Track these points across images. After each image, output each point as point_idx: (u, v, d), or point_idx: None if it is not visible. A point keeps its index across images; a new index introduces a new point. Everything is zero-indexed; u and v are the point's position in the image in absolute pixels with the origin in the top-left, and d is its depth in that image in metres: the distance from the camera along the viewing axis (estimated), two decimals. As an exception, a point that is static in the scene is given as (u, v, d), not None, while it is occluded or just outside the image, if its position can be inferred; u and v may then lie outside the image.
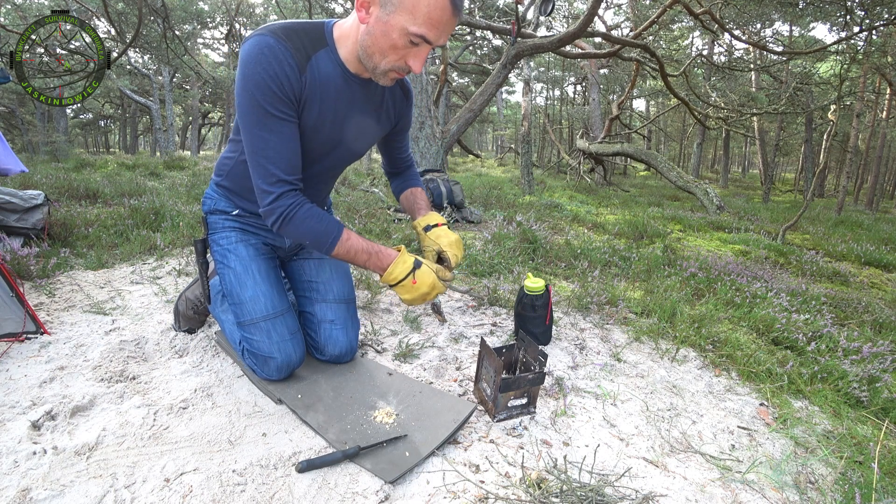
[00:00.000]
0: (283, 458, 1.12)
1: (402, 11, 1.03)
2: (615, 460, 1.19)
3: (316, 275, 1.58)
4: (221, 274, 1.45)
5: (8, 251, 2.19)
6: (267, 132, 1.15)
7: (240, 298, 1.39)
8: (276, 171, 1.18)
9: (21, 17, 11.66)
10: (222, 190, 1.50)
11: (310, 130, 1.26)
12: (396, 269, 1.26)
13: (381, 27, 1.07)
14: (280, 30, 1.14)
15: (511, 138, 25.52)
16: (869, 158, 16.82)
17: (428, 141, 5.15)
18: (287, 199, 1.20)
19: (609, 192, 9.57)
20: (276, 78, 1.11)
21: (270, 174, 1.18)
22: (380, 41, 1.09)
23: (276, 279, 1.47)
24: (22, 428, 1.16)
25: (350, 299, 1.60)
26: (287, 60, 1.12)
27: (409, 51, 1.10)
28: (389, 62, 1.12)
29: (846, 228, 6.59)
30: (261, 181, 1.20)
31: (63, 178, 5.03)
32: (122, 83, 16.88)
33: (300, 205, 1.21)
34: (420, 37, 1.06)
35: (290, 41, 1.13)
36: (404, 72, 1.16)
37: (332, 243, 1.24)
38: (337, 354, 1.52)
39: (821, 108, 11.95)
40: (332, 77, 1.21)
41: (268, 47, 1.10)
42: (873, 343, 1.97)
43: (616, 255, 3.17)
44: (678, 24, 13.75)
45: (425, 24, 1.04)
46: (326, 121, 1.26)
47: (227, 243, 1.46)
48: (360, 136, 1.39)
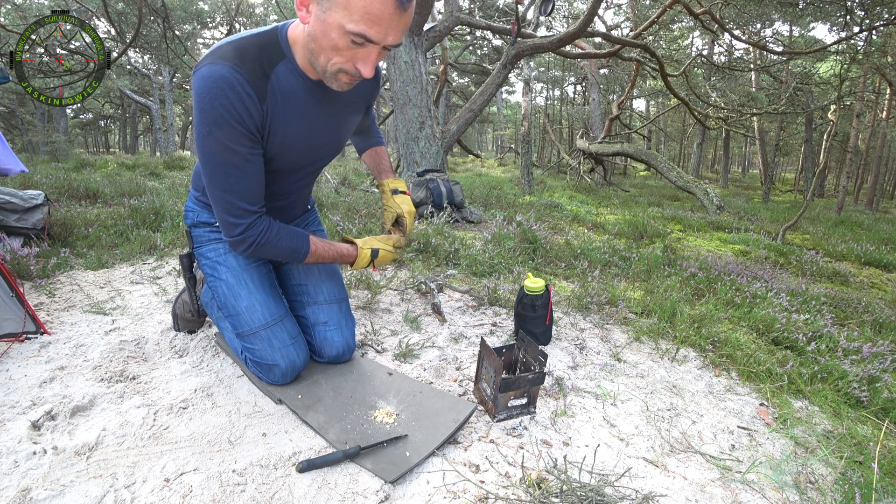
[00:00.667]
0: (283, 458, 1.12)
1: (337, 7, 0.94)
2: (615, 460, 1.19)
3: (305, 278, 1.56)
4: (214, 287, 1.42)
5: (8, 251, 2.19)
6: (231, 168, 1.11)
7: (236, 310, 1.37)
8: (242, 203, 1.15)
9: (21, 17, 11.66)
10: (203, 203, 1.48)
11: (283, 148, 1.22)
12: (360, 264, 1.40)
13: (319, 26, 0.98)
14: (232, 54, 1.05)
15: (511, 138, 25.52)
16: (869, 158, 16.82)
17: (428, 141, 5.15)
18: (256, 228, 1.19)
19: (609, 192, 9.57)
20: (236, 113, 1.05)
21: (236, 207, 1.15)
22: (321, 42, 1.00)
23: (270, 285, 1.46)
24: (22, 428, 1.16)
25: (342, 298, 1.59)
26: (244, 91, 1.04)
27: (356, 52, 1.00)
28: (336, 64, 1.03)
29: (846, 228, 6.59)
30: (225, 214, 1.16)
31: (63, 178, 5.03)
32: (122, 83, 16.88)
33: (268, 229, 1.21)
34: (360, 35, 0.95)
35: (244, 66, 1.05)
36: (356, 76, 1.06)
37: (304, 256, 1.30)
38: (334, 355, 1.51)
39: (821, 108, 11.96)
40: (295, 91, 1.15)
41: (222, 79, 1.02)
42: (873, 343, 1.97)
43: (616, 255, 3.17)
44: (678, 24, 13.76)
45: (364, 21, 0.94)
46: (298, 136, 1.22)
47: (215, 255, 1.43)
48: (337, 136, 1.36)
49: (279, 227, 1.24)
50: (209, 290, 1.47)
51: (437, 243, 3.00)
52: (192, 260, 1.59)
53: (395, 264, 2.74)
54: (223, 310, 1.41)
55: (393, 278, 2.45)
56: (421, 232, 3.19)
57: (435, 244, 2.99)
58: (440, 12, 11.22)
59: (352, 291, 2.24)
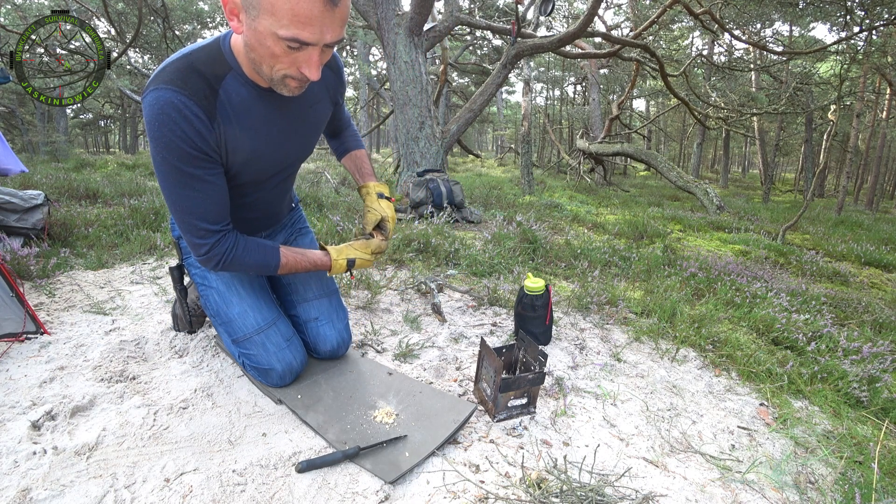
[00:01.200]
0: (283, 458, 1.12)
1: (265, 14, 0.89)
2: (615, 460, 1.19)
3: (293, 276, 1.56)
4: (205, 296, 1.42)
5: (8, 251, 2.19)
6: (189, 190, 1.08)
7: (228, 317, 1.37)
8: (203, 224, 1.13)
9: (21, 17, 11.66)
10: None
11: (248, 162, 1.19)
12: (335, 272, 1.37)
13: (253, 35, 0.94)
14: (175, 76, 1.01)
15: (511, 138, 25.51)
16: (869, 158, 16.82)
17: (428, 141, 5.15)
18: (221, 247, 1.16)
19: (609, 192, 9.57)
20: (187, 137, 1.02)
21: (198, 228, 1.13)
22: (259, 51, 0.96)
23: (261, 289, 1.46)
24: (22, 428, 1.16)
25: (331, 291, 1.59)
26: (193, 113, 1.02)
27: (296, 56, 0.95)
28: (279, 70, 0.99)
29: (846, 228, 6.59)
30: (190, 236, 1.15)
31: (63, 178, 5.03)
32: (122, 83, 16.85)
33: (234, 245, 1.18)
34: (294, 40, 0.90)
35: (188, 87, 1.01)
36: (302, 80, 1.02)
37: (275, 268, 1.27)
38: (330, 350, 1.51)
39: (821, 108, 11.95)
40: (247, 102, 1.11)
41: (169, 105, 0.99)
42: (873, 343, 1.97)
43: (616, 255, 3.17)
44: (678, 24, 13.75)
45: (294, 25, 0.88)
46: (260, 147, 1.18)
47: None
48: (305, 138, 1.31)
49: (246, 242, 1.21)
50: (202, 299, 1.46)
51: (437, 243, 3.00)
52: (181, 272, 1.59)
53: (395, 264, 2.74)
54: (216, 317, 1.41)
55: (393, 278, 2.45)
56: (421, 232, 3.19)
57: (435, 244, 2.99)
58: (440, 12, 11.22)
59: (351, 291, 2.24)
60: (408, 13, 4.94)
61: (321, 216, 3.72)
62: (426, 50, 5.25)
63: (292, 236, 1.64)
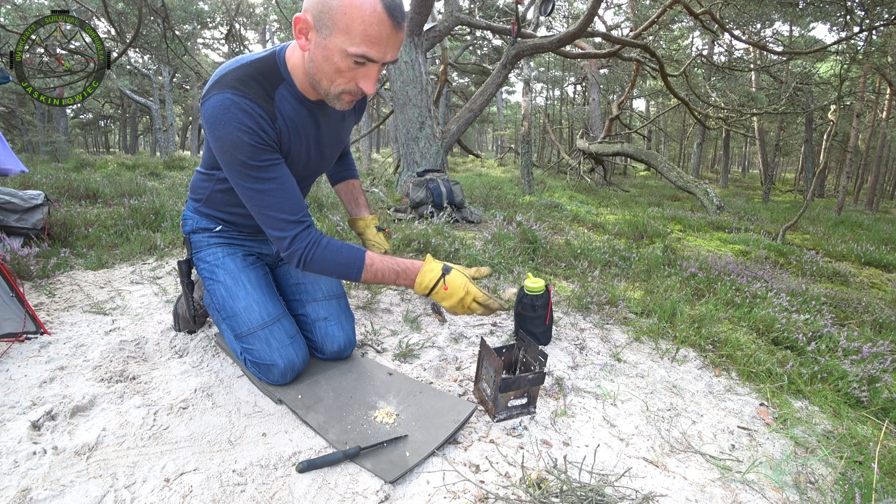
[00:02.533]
0: (283, 458, 1.12)
1: (338, 33, 0.99)
2: (615, 460, 1.19)
3: (302, 276, 1.58)
4: (211, 290, 1.44)
5: (8, 251, 2.19)
6: (260, 184, 1.13)
7: (233, 311, 1.38)
8: (283, 215, 1.17)
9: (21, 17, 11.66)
10: (202, 213, 1.50)
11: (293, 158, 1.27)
12: (425, 279, 1.23)
13: (321, 52, 1.03)
14: (236, 82, 1.10)
15: (511, 138, 25.52)
16: (869, 158, 16.82)
17: (428, 141, 5.15)
18: (302, 241, 1.18)
19: (609, 192, 9.58)
20: (252, 131, 1.08)
21: (279, 220, 1.17)
22: (324, 67, 1.05)
23: (268, 286, 1.47)
24: (22, 428, 1.16)
25: (340, 294, 1.61)
26: (256, 112, 1.09)
27: (357, 72, 1.06)
28: (339, 86, 1.09)
29: (846, 228, 6.59)
30: (271, 230, 1.19)
31: (63, 178, 5.03)
32: (122, 83, 16.87)
33: (316, 242, 1.20)
34: (362, 56, 1.01)
35: (250, 91, 1.10)
36: (357, 94, 1.12)
37: (358, 272, 1.22)
38: (336, 350, 1.52)
39: (821, 108, 11.95)
40: (297, 112, 1.20)
41: (232, 104, 1.07)
42: (873, 343, 1.97)
43: (616, 255, 3.17)
44: (678, 24, 13.76)
45: (364, 43, 0.99)
46: (299, 156, 1.27)
47: (213, 259, 1.45)
48: (333, 152, 1.42)
49: (329, 241, 1.22)
50: (207, 294, 1.47)
51: (437, 243, 3.00)
52: (189, 266, 1.59)
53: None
54: (221, 312, 1.42)
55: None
56: (421, 232, 3.19)
57: (435, 244, 2.99)
58: (440, 12, 11.22)
59: (351, 291, 2.24)
60: (407, 13, 4.94)
61: (321, 216, 3.72)
62: (426, 50, 5.25)
63: None
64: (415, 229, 3.29)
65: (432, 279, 1.23)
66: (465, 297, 1.24)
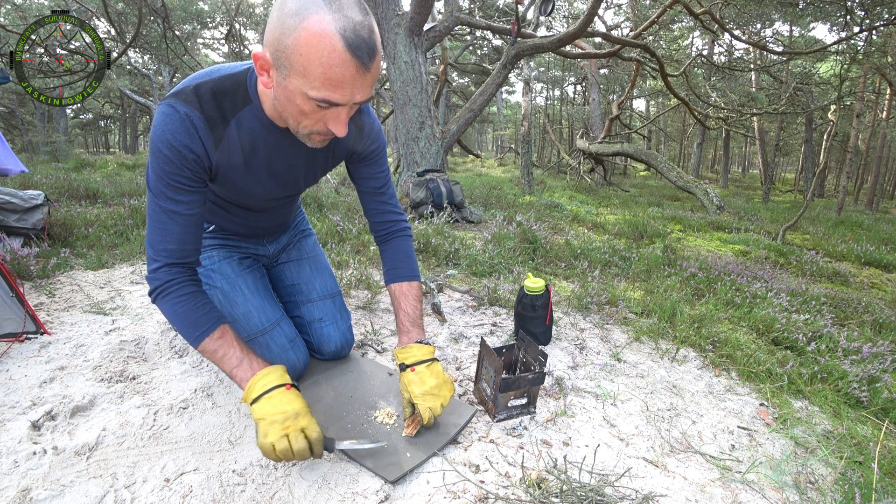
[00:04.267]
0: (283, 458, 1.12)
1: (295, 75, 0.87)
2: (615, 460, 1.19)
3: (297, 277, 1.56)
4: (209, 295, 1.42)
5: (8, 251, 2.19)
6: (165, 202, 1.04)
7: (232, 316, 1.36)
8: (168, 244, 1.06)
9: (21, 17, 11.66)
10: None
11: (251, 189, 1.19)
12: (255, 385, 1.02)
13: (282, 92, 0.93)
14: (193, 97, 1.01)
15: (511, 138, 25.51)
16: (869, 158, 16.82)
17: (428, 141, 5.15)
18: (166, 275, 1.06)
19: (609, 192, 9.58)
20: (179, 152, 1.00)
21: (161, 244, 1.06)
22: (287, 107, 0.95)
23: (265, 289, 1.45)
24: (22, 428, 1.16)
25: (335, 293, 1.59)
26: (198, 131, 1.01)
27: (324, 114, 0.94)
28: (306, 127, 0.98)
29: (846, 228, 6.59)
30: (150, 250, 1.07)
31: (63, 178, 5.03)
32: (122, 83, 16.88)
33: (179, 284, 1.07)
34: (324, 101, 0.89)
35: (204, 108, 1.01)
36: (328, 135, 1.01)
37: (201, 336, 1.06)
38: (334, 351, 1.52)
39: (821, 108, 11.96)
40: (259, 136, 1.10)
41: (179, 119, 0.99)
42: (873, 343, 1.97)
43: (616, 255, 3.17)
44: (678, 24, 13.76)
45: (325, 87, 0.87)
46: (262, 175, 1.18)
47: (210, 264, 1.41)
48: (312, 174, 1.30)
49: (193, 292, 1.09)
50: None
51: (437, 243, 3.00)
52: None
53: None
54: None
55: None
56: (421, 232, 3.19)
57: (435, 244, 2.99)
58: (440, 12, 11.22)
59: (351, 291, 2.24)
60: (408, 13, 4.94)
61: (321, 216, 3.72)
62: (426, 50, 5.25)
63: (295, 238, 1.65)
64: (415, 229, 3.29)
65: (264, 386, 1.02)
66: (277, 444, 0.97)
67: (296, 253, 1.62)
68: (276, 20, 0.86)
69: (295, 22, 0.83)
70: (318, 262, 1.62)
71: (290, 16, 0.83)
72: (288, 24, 0.84)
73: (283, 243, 1.61)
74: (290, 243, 1.63)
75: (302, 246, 1.64)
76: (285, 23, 0.84)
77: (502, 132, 27.50)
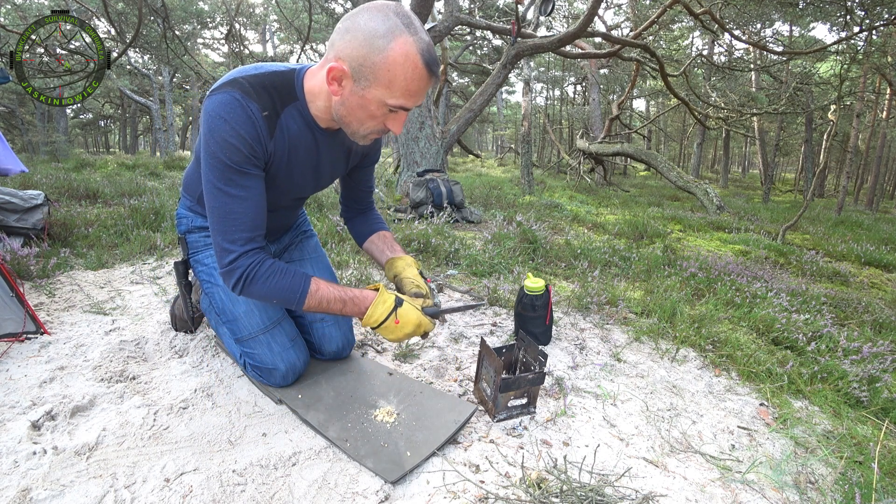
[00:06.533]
0: (283, 458, 1.12)
1: (378, 86, 1.00)
2: (615, 460, 1.19)
3: None
4: (210, 293, 1.42)
5: (8, 251, 2.19)
6: (233, 189, 1.08)
7: (233, 315, 1.37)
8: (241, 231, 1.11)
9: (21, 17, 11.66)
10: (196, 211, 1.47)
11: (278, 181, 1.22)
12: (377, 311, 1.17)
13: (356, 100, 1.03)
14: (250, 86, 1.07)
15: (511, 138, 25.52)
16: (869, 158, 16.83)
17: (428, 141, 5.15)
18: (247, 259, 1.11)
19: (609, 192, 9.57)
20: (245, 139, 1.05)
21: (234, 232, 1.10)
22: (356, 112, 1.06)
23: None
24: (22, 428, 1.16)
25: None
26: (258, 122, 1.07)
27: (388, 116, 1.07)
28: (368, 128, 1.10)
29: (846, 228, 6.59)
30: (222, 240, 1.11)
31: (63, 178, 5.03)
32: (122, 83, 16.88)
33: (260, 262, 1.13)
34: (400, 107, 1.04)
35: (260, 98, 1.07)
36: (383, 133, 1.14)
37: (301, 297, 1.15)
38: (335, 351, 1.52)
39: (821, 108, 11.94)
40: (301, 133, 1.17)
41: (239, 106, 1.04)
42: (873, 343, 1.97)
43: (616, 255, 3.17)
44: (678, 24, 13.74)
45: (404, 96, 1.01)
46: (296, 176, 1.25)
47: (212, 262, 1.42)
48: (334, 173, 1.37)
49: (274, 263, 1.15)
50: (206, 297, 1.46)
51: (437, 243, 3.00)
52: (187, 267, 1.58)
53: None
54: (221, 315, 1.41)
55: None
56: (421, 232, 3.19)
57: (435, 244, 2.99)
58: (440, 12, 11.22)
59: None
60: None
61: (321, 216, 3.72)
62: (426, 50, 5.24)
63: (297, 238, 1.65)
64: (415, 229, 3.29)
65: (384, 312, 1.17)
66: (414, 331, 1.19)
67: (297, 253, 1.63)
68: (361, 40, 0.97)
69: (383, 43, 0.96)
70: (320, 262, 1.63)
71: (379, 37, 0.96)
72: (377, 44, 0.96)
73: (284, 243, 1.61)
74: (292, 243, 1.63)
75: (304, 246, 1.64)
76: (374, 43, 0.96)
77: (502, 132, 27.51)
